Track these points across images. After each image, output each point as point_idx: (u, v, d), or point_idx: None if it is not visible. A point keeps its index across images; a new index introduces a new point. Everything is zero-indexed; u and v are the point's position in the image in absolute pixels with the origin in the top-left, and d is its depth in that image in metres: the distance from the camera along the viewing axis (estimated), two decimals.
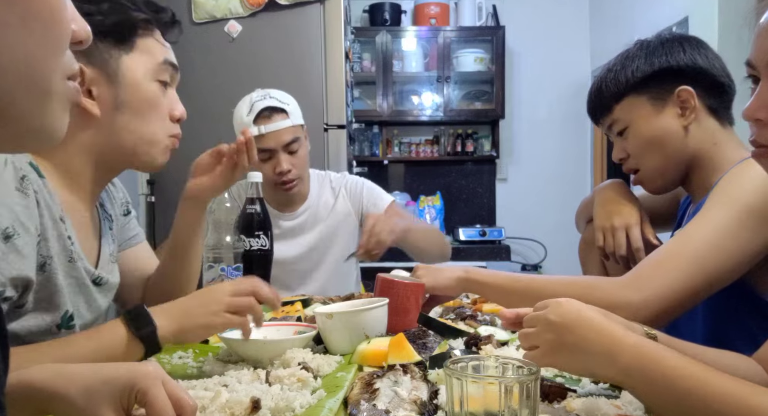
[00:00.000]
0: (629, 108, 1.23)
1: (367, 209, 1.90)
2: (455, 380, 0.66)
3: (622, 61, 1.24)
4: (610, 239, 1.28)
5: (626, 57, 1.24)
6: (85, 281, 0.98)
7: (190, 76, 2.41)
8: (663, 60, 1.20)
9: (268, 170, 1.74)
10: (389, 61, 4.12)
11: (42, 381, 0.60)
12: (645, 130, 1.21)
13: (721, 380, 0.64)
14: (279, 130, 1.72)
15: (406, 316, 1.17)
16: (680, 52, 1.19)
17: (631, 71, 1.22)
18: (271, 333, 1.04)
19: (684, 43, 1.21)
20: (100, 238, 1.07)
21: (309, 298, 1.49)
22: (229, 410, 0.72)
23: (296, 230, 1.89)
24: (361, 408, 0.73)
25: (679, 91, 1.17)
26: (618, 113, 1.24)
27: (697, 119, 1.18)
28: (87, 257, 0.99)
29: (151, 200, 2.47)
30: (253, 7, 2.40)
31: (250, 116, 1.71)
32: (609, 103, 1.25)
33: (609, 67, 1.27)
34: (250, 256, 1.53)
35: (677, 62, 1.19)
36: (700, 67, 1.18)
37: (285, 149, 1.75)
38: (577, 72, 4.32)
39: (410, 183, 4.45)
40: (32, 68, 0.42)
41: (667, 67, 1.19)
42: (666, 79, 1.19)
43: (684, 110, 1.18)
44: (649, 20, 3.46)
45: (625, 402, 0.75)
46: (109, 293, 1.07)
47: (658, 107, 1.20)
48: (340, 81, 2.45)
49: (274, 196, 1.85)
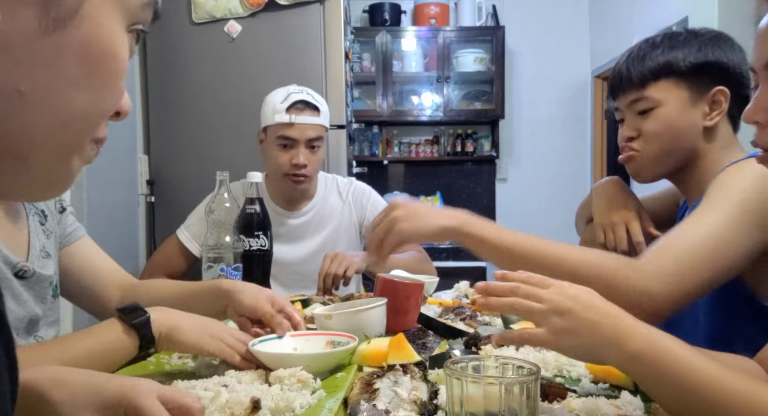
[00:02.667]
0: (665, 90, 1.17)
1: (368, 221, 1.91)
2: (455, 380, 0.66)
3: (669, 42, 1.18)
4: (611, 234, 1.27)
5: (675, 39, 1.18)
6: (6, 275, 0.95)
7: (190, 77, 2.41)
8: (717, 54, 1.15)
9: (285, 160, 1.76)
10: (389, 61, 4.12)
11: (34, 380, 0.59)
12: (672, 117, 1.16)
13: (728, 375, 0.64)
14: (307, 124, 1.75)
15: (406, 316, 1.17)
16: (732, 51, 1.16)
17: (682, 54, 1.15)
18: (301, 344, 0.99)
19: (734, 46, 1.17)
20: (29, 233, 1.04)
21: (308, 298, 1.49)
22: (229, 410, 0.72)
23: (301, 231, 1.89)
24: (361, 408, 0.72)
25: (717, 91, 1.14)
26: (651, 91, 1.18)
27: (718, 123, 1.16)
28: (11, 251, 0.97)
29: (151, 200, 2.47)
30: (252, 7, 2.40)
31: (285, 103, 1.74)
32: (645, 78, 1.18)
33: (654, 43, 1.20)
34: (250, 256, 1.53)
35: (729, 61, 1.15)
36: (742, 74, 1.15)
37: (307, 143, 1.77)
38: (577, 72, 4.32)
39: (410, 183, 4.44)
40: (72, 124, 0.41)
41: (720, 62, 1.15)
42: (712, 74, 1.15)
43: (712, 111, 1.16)
44: (648, 20, 3.46)
45: (625, 402, 0.75)
46: (38, 286, 1.03)
47: (693, 99, 1.16)
48: (340, 81, 2.44)
49: (281, 192, 1.86)
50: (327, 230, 1.91)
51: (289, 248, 1.85)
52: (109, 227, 2.11)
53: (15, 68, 0.37)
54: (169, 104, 2.41)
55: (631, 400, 0.75)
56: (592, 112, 4.33)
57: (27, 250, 1.03)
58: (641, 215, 1.27)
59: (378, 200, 1.98)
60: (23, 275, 0.99)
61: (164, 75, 2.41)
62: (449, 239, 1.11)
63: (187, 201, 1.98)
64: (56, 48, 0.38)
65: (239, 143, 2.40)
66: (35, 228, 1.07)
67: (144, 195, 2.46)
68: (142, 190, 2.44)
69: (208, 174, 1.63)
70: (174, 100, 2.40)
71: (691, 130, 1.16)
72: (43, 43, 0.37)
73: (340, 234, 1.91)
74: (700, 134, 1.17)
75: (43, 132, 0.40)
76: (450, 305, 1.41)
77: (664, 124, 1.17)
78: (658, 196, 1.42)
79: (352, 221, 1.94)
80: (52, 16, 0.37)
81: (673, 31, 1.22)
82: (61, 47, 0.38)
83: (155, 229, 2.46)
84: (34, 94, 0.38)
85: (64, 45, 0.38)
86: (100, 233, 1.26)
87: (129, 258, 2.34)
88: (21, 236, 1.03)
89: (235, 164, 1.85)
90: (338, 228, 1.92)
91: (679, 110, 1.17)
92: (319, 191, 1.93)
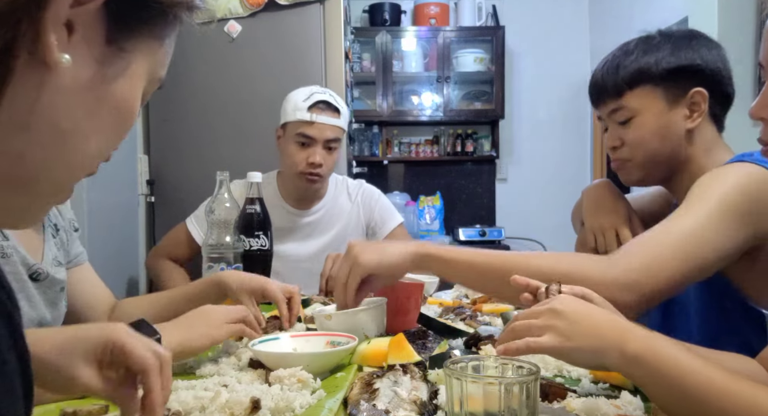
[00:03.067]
0: (642, 98, 1.16)
1: (375, 223, 1.94)
2: (455, 380, 0.66)
3: (643, 47, 1.17)
4: (602, 239, 1.27)
5: (648, 44, 1.17)
6: (21, 277, 0.97)
7: (190, 77, 2.41)
8: (690, 56, 1.14)
9: (302, 159, 1.77)
10: (389, 61, 4.12)
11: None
12: (652, 124, 1.16)
13: (728, 378, 0.64)
14: (327, 124, 1.76)
15: (406, 316, 1.17)
16: (707, 51, 1.15)
17: (654, 60, 1.15)
18: (301, 344, 1.00)
19: (709, 44, 1.17)
20: (44, 240, 1.07)
21: (309, 298, 1.50)
22: (229, 410, 0.72)
23: (310, 229, 1.91)
24: (360, 408, 0.72)
25: (694, 93, 1.14)
26: (628, 100, 1.17)
27: (700, 124, 1.15)
28: (28, 252, 0.98)
29: (151, 200, 2.47)
30: (252, 7, 2.40)
31: (307, 102, 1.75)
32: (621, 88, 1.18)
33: (628, 50, 1.19)
34: (250, 256, 1.53)
35: (704, 62, 1.14)
36: (720, 72, 1.15)
37: (325, 143, 1.77)
38: (577, 72, 4.31)
39: (410, 183, 4.45)
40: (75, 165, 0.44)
41: (694, 65, 1.14)
42: (687, 76, 1.14)
43: (692, 113, 1.15)
44: (648, 20, 3.44)
45: (625, 402, 0.75)
46: (50, 290, 1.05)
47: (671, 103, 1.15)
48: (340, 81, 2.45)
49: (293, 191, 1.87)
50: (335, 230, 1.92)
51: (297, 246, 1.87)
52: (109, 227, 2.11)
53: (61, 109, 0.40)
54: (169, 104, 2.41)
55: (631, 400, 0.75)
56: (592, 112, 4.32)
57: (41, 255, 1.05)
58: (631, 218, 1.27)
59: (386, 203, 1.99)
60: (37, 277, 1.01)
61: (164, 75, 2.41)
62: (414, 266, 1.08)
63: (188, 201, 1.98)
64: (98, 99, 0.42)
65: (239, 142, 2.40)
66: (49, 239, 1.09)
67: (144, 195, 2.46)
68: (142, 190, 2.44)
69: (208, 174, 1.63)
70: (174, 101, 2.40)
71: (673, 135, 1.16)
72: (90, 93, 0.42)
73: (348, 234, 1.92)
74: (683, 138, 1.16)
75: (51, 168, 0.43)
76: (450, 306, 1.41)
77: (645, 132, 1.17)
78: (650, 195, 1.42)
79: (359, 222, 1.96)
80: (104, 71, 0.42)
81: (647, 34, 1.20)
82: (102, 99, 0.43)
83: (155, 229, 2.46)
84: (69, 134, 0.42)
85: (104, 98, 0.43)
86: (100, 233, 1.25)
87: (129, 258, 2.35)
88: (37, 242, 1.05)
89: (235, 164, 1.85)
90: (346, 228, 1.93)
91: (658, 116, 1.16)
92: (329, 191, 1.95)
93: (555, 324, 0.71)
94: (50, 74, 0.38)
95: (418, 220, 4.15)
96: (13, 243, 0.95)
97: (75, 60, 0.39)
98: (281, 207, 1.87)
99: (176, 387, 0.82)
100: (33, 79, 0.38)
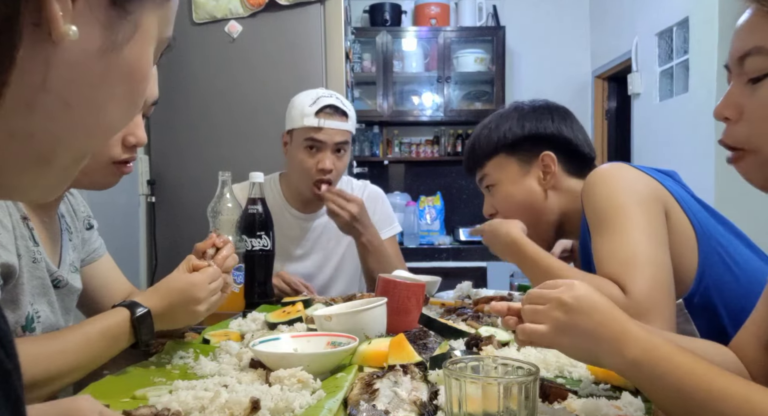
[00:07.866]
0: (499, 166, 1.33)
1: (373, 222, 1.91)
2: (454, 380, 0.66)
3: (497, 121, 1.34)
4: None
5: (501, 116, 1.34)
6: (47, 282, 0.98)
7: (190, 77, 2.41)
8: (533, 125, 1.30)
9: (311, 164, 1.73)
10: (389, 62, 4.12)
11: None
12: (511, 190, 1.32)
13: (728, 380, 0.64)
14: (336, 129, 1.73)
15: (407, 316, 1.17)
16: (549, 120, 1.30)
17: (503, 131, 1.31)
18: (301, 345, 0.99)
19: (554, 113, 1.32)
20: (61, 246, 1.07)
21: (310, 299, 1.50)
22: (229, 410, 0.72)
23: (316, 234, 1.88)
24: (360, 408, 0.73)
25: (543, 156, 1.28)
26: (488, 169, 1.34)
27: (557, 184, 1.29)
28: (50, 259, 1.00)
29: (152, 200, 2.47)
30: (253, 7, 2.40)
31: (314, 107, 1.71)
32: (481, 159, 1.34)
33: (485, 124, 1.36)
34: (252, 256, 1.53)
35: (545, 129, 1.30)
36: (564, 137, 1.29)
37: (334, 147, 1.74)
38: (577, 72, 4.32)
39: (410, 183, 4.45)
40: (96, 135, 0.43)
41: (535, 133, 1.29)
42: (533, 143, 1.29)
43: (545, 175, 1.29)
44: (648, 20, 3.45)
45: (626, 403, 0.75)
46: (68, 298, 1.06)
47: (525, 168, 1.31)
48: (341, 81, 2.45)
49: (300, 195, 1.84)
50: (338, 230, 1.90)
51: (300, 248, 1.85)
52: (110, 227, 2.11)
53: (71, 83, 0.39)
54: (169, 104, 2.41)
55: (632, 401, 0.75)
56: (592, 112, 4.33)
57: (59, 261, 1.05)
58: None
59: (388, 208, 1.97)
60: (57, 284, 1.02)
61: (165, 75, 2.40)
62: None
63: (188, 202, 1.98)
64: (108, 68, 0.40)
65: (240, 143, 2.40)
66: (66, 243, 1.09)
67: (144, 195, 2.46)
68: (142, 190, 2.44)
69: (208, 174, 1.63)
70: (175, 101, 2.41)
71: (533, 197, 1.30)
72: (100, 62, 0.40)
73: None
74: (543, 199, 1.30)
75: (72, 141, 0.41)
76: (452, 306, 1.41)
77: (507, 199, 1.33)
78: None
79: None
80: (112, 38, 0.39)
81: (504, 108, 1.38)
82: (113, 67, 0.41)
83: (156, 229, 2.47)
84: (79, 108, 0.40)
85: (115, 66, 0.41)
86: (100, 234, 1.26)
87: (129, 258, 2.35)
88: (56, 249, 1.06)
89: (236, 164, 1.85)
90: None
91: (514, 182, 1.32)
92: None
93: (556, 315, 0.71)
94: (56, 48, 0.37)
95: (419, 220, 4.15)
96: (41, 249, 0.96)
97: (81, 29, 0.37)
98: (286, 212, 1.84)
99: (176, 387, 0.82)
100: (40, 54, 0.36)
